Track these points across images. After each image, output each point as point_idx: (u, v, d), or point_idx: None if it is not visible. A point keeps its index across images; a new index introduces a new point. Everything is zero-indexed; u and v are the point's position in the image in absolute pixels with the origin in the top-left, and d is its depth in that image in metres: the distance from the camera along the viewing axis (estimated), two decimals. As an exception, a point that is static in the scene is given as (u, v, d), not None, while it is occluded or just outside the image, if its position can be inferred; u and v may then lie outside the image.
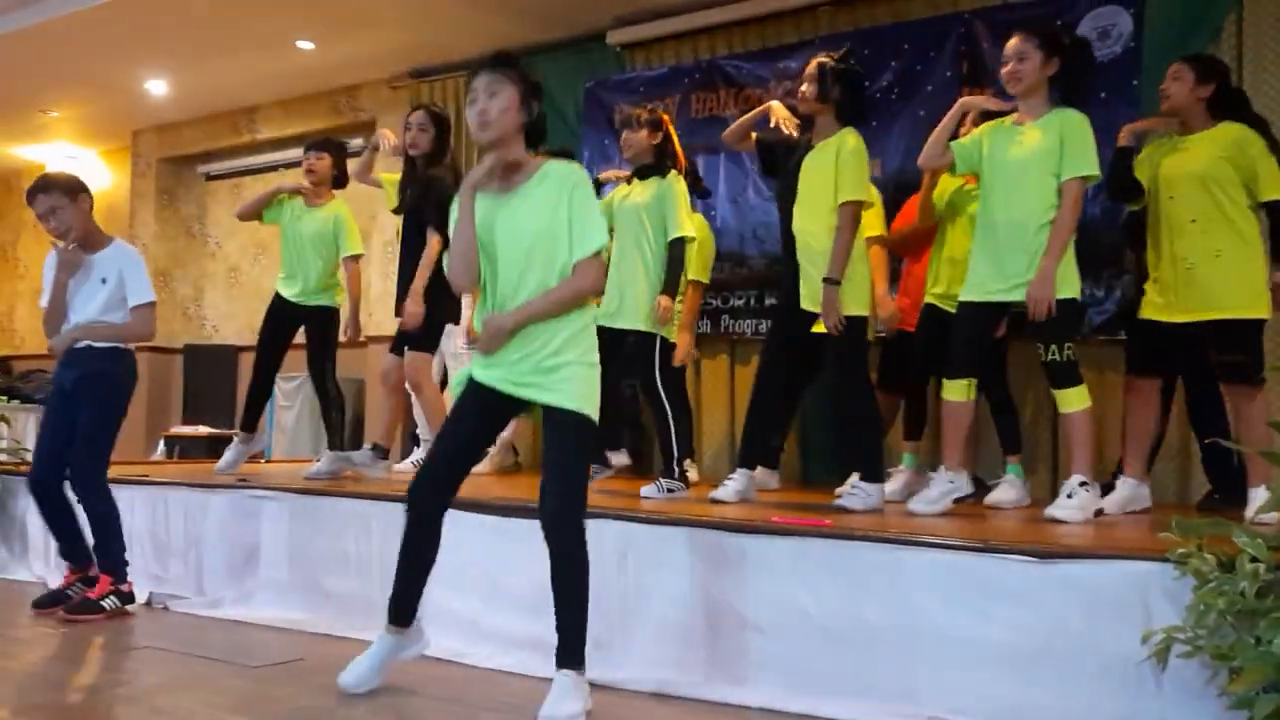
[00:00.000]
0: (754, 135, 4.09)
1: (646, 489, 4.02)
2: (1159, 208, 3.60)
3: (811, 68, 3.80)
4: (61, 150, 9.44)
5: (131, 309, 3.88)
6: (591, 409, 2.64)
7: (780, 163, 4.00)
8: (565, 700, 2.55)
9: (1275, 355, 4.36)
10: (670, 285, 4.11)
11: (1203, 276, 3.46)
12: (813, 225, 3.75)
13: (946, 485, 3.46)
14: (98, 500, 3.87)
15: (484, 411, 2.76)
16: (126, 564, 3.92)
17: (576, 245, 2.64)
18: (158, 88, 7.88)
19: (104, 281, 3.86)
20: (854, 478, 3.71)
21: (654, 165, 4.22)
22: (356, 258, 4.90)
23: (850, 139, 3.73)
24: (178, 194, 9.18)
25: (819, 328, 3.72)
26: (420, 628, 2.95)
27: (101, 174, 9.59)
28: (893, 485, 4.30)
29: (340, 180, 5.01)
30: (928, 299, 4.33)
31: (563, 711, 2.53)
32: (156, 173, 9.04)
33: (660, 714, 2.82)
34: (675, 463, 4.14)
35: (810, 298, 3.74)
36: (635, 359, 4.17)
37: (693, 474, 4.86)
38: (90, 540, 3.92)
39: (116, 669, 3.29)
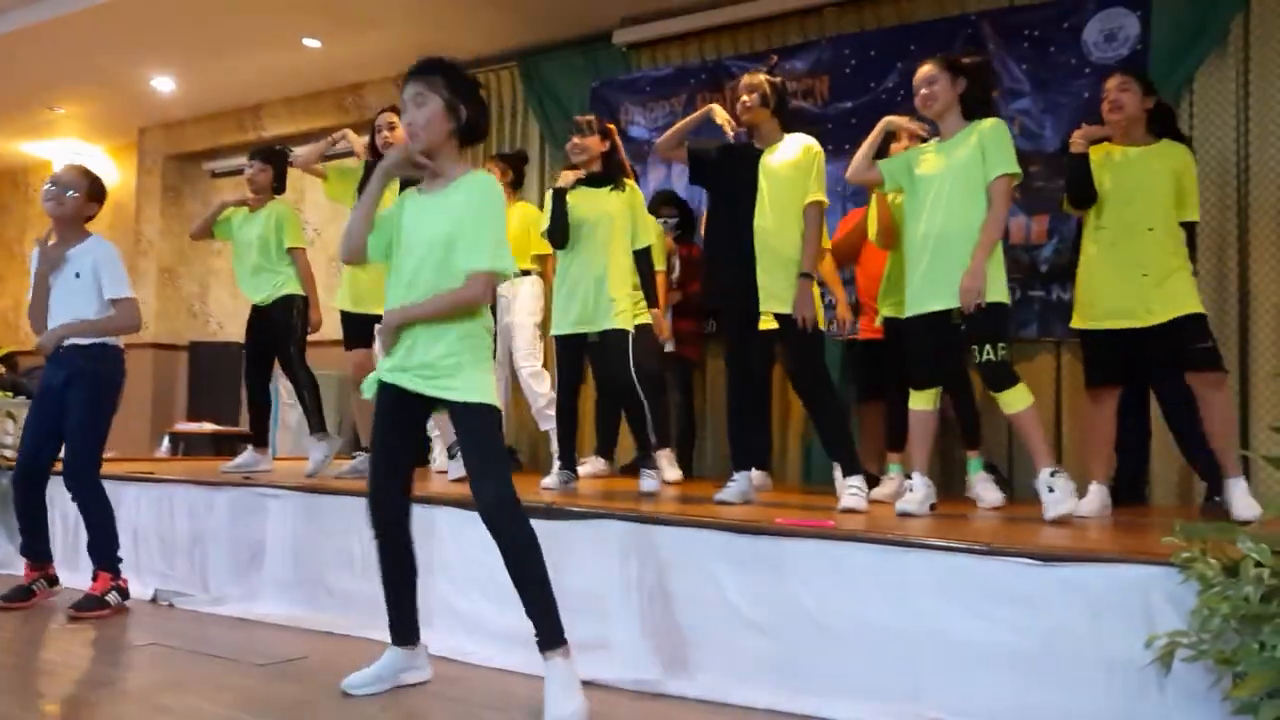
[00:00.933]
0: (685, 144, 4.14)
1: (645, 483, 4.10)
2: (1109, 215, 3.68)
3: (752, 79, 3.94)
4: (68, 147, 9.46)
5: (112, 303, 3.89)
6: (492, 397, 2.68)
7: (712, 168, 4.07)
8: (564, 697, 2.55)
9: (1275, 362, 4.38)
10: (653, 296, 4.42)
11: (1165, 280, 3.57)
12: (777, 226, 3.85)
13: (926, 489, 3.54)
14: (91, 498, 3.89)
15: (400, 411, 2.77)
16: (120, 560, 3.95)
17: (465, 258, 2.66)
18: (164, 85, 7.90)
19: (78, 276, 3.88)
20: (839, 473, 3.82)
21: (605, 173, 4.32)
22: (301, 250, 4.98)
23: (816, 145, 3.93)
24: (183, 191, 9.19)
25: (768, 324, 3.85)
26: (423, 654, 2.95)
27: (108, 170, 9.60)
28: (883, 490, 4.32)
29: (280, 189, 5.09)
30: (884, 313, 4.41)
31: (564, 710, 2.53)
32: (163, 170, 9.06)
33: (660, 713, 2.83)
34: (653, 450, 4.25)
35: (773, 296, 3.83)
36: (612, 355, 4.22)
37: (673, 473, 4.88)
38: (77, 539, 3.93)
39: (122, 666, 3.30)
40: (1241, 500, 3.43)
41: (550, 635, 2.62)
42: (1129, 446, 4.24)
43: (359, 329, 4.70)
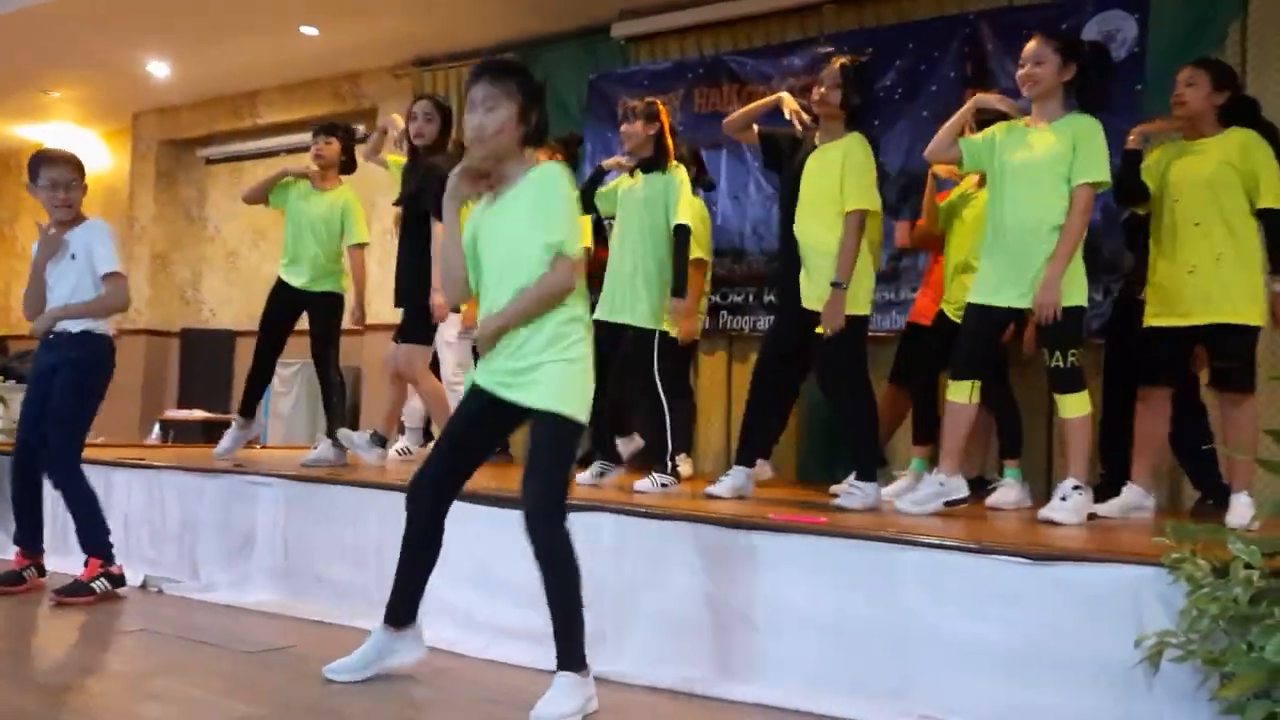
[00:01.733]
0: (757, 127, 4.10)
1: (640, 483, 4.02)
2: (1164, 211, 3.59)
3: (834, 69, 3.78)
4: (62, 131, 9.41)
5: (103, 278, 3.87)
6: (571, 407, 2.60)
7: (784, 157, 4.01)
8: (558, 700, 2.53)
9: (1271, 365, 4.38)
10: (679, 281, 4.14)
11: (1203, 280, 3.46)
12: (815, 227, 3.77)
13: (936, 487, 3.46)
14: (73, 485, 3.86)
15: (482, 414, 2.74)
16: (112, 545, 3.92)
17: (545, 242, 2.61)
18: (159, 70, 7.86)
19: (74, 257, 3.87)
20: (851, 476, 3.72)
21: (654, 158, 4.24)
22: (362, 246, 4.89)
23: (859, 147, 3.74)
24: (177, 177, 9.15)
25: (820, 328, 3.72)
26: (418, 635, 2.91)
27: (102, 155, 9.57)
28: (897, 487, 4.30)
29: (348, 166, 4.98)
30: (941, 305, 4.38)
31: (554, 710, 2.51)
32: (156, 155, 9.01)
33: (654, 708, 2.83)
34: (669, 456, 4.15)
35: (815, 297, 3.75)
36: (632, 354, 4.18)
37: (686, 469, 4.86)
38: (67, 524, 3.91)
39: (110, 652, 3.29)
40: (1239, 514, 3.35)
41: (568, 655, 2.58)
42: (1195, 445, 4.13)
43: (413, 324, 4.53)
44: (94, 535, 3.88)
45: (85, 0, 6.52)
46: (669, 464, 4.13)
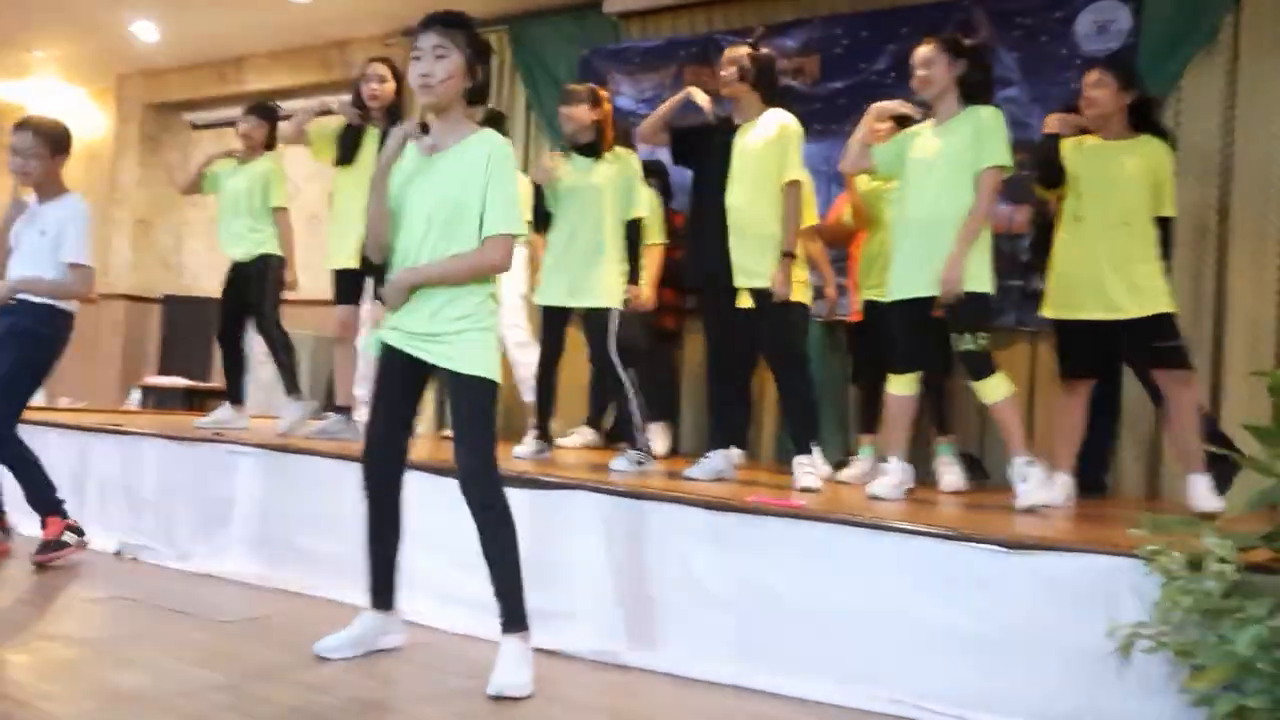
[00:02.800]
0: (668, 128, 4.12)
1: (615, 462, 4.03)
2: (1086, 207, 3.66)
3: (734, 53, 3.91)
4: (46, 87, 9.25)
5: (68, 266, 3.81)
6: (492, 371, 2.66)
7: (692, 148, 4.06)
8: (514, 669, 2.57)
9: (1251, 360, 4.41)
10: (635, 270, 4.29)
11: (1140, 275, 3.56)
12: (749, 203, 3.83)
13: (903, 474, 3.56)
14: (11, 456, 3.82)
15: (400, 375, 2.74)
16: (61, 500, 3.88)
17: (489, 222, 2.62)
18: (145, 31, 7.75)
19: (43, 234, 3.81)
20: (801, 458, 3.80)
21: (593, 144, 4.26)
22: (284, 210, 4.96)
23: (793, 122, 3.87)
24: (162, 141, 9.05)
25: (744, 301, 3.83)
26: (398, 619, 2.92)
27: (89, 114, 9.42)
28: (853, 472, 4.39)
29: (272, 145, 5.04)
30: (864, 294, 4.46)
31: (513, 680, 2.55)
32: (141, 118, 8.90)
33: (623, 684, 2.84)
34: (640, 430, 4.17)
35: (745, 272, 3.80)
36: (592, 334, 4.19)
37: (659, 444, 4.88)
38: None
39: (84, 619, 3.27)
40: (1204, 495, 3.45)
41: (512, 617, 2.63)
42: (1092, 438, 4.26)
43: (350, 285, 4.60)
44: (42, 495, 3.84)
45: (70, -42, 6.42)
46: (641, 439, 4.15)
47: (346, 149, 4.54)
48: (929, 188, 3.52)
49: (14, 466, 3.85)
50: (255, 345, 6.51)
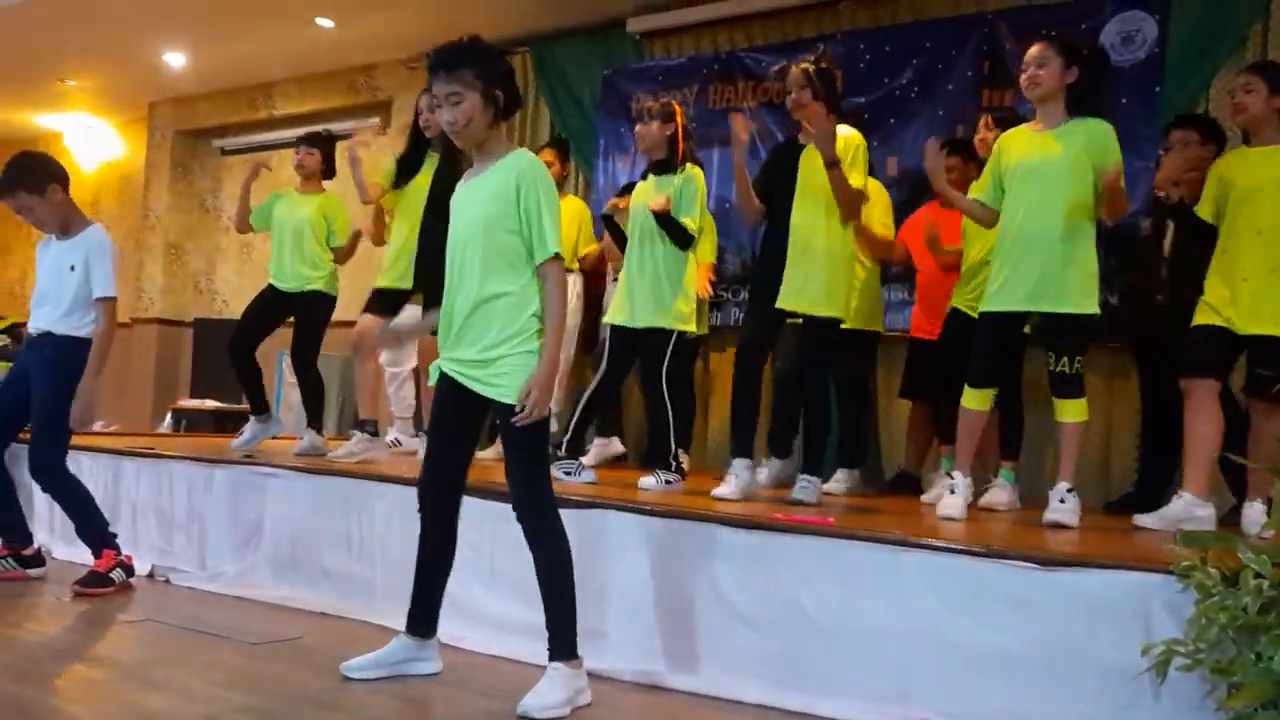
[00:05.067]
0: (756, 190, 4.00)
1: (644, 480, 4.02)
2: (1228, 219, 3.50)
3: (795, 74, 3.82)
4: (78, 120, 9.44)
5: (98, 300, 3.84)
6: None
7: (773, 182, 3.96)
8: (546, 692, 2.56)
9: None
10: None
11: (1259, 290, 3.36)
12: (811, 220, 3.77)
13: (968, 490, 3.51)
14: (61, 484, 3.87)
15: (454, 404, 2.74)
16: (115, 535, 3.92)
17: (538, 247, 2.62)
18: (176, 60, 7.88)
19: (72, 269, 3.84)
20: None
21: (667, 160, 4.23)
22: (340, 248, 4.95)
23: (853, 134, 3.80)
24: (192, 167, 9.18)
25: (792, 320, 3.81)
26: (434, 647, 2.91)
27: (115, 145, 9.60)
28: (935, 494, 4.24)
29: (329, 173, 5.04)
30: (953, 303, 4.36)
31: (539, 703, 2.54)
32: (172, 145, 9.04)
33: (654, 705, 2.82)
34: (673, 455, 4.14)
35: (792, 294, 3.76)
36: (649, 352, 4.17)
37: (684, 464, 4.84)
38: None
39: (115, 641, 3.30)
40: (1255, 518, 3.34)
41: (561, 646, 2.62)
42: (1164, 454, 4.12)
43: (386, 302, 4.51)
44: (95, 530, 3.88)
45: (102, -11, 6.54)
46: (673, 462, 4.12)
47: (406, 172, 4.53)
48: (1032, 199, 3.40)
49: (63, 500, 3.89)
50: (285, 369, 6.57)
